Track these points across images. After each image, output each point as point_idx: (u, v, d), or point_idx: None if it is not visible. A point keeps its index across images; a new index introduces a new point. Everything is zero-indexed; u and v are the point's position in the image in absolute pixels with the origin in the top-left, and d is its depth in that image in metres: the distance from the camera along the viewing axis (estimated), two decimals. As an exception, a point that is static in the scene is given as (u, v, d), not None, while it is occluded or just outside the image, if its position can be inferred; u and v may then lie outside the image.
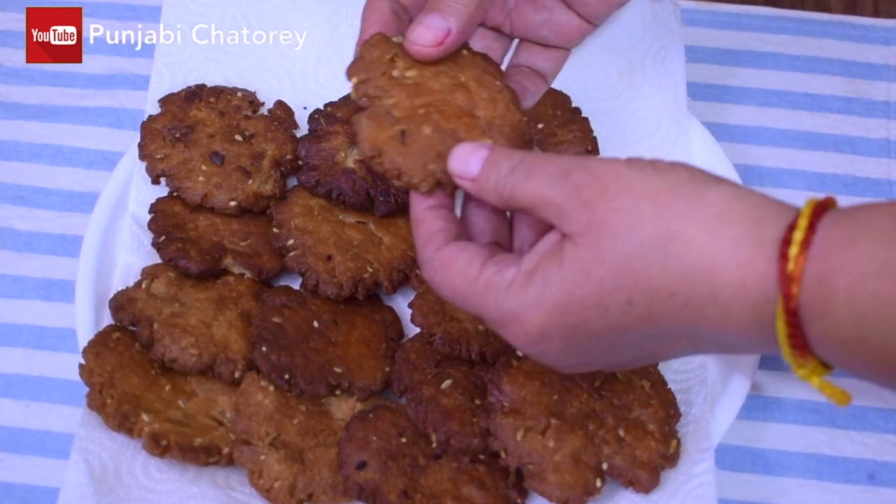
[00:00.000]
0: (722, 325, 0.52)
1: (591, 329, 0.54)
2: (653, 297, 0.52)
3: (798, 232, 0.49)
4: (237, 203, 0.80)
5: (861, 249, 0.47)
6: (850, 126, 0.93)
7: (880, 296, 0.46)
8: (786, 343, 0.50)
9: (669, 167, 0.53)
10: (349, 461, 0.68)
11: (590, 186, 0.53)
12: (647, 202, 0.52)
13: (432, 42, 0.61)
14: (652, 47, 0.90)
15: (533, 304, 0.54)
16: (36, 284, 0.84)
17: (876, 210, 0.49)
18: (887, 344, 0.47)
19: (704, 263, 0.50)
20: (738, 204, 0.51)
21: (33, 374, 0.80)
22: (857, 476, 0.75)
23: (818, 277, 0.48)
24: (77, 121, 0.92)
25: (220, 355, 0.73)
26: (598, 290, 0.53)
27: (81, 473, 0.68)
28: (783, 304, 0.49)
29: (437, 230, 0.59)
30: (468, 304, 0.57)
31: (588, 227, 0.53)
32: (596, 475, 0.67)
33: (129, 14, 0.98)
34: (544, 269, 0.54)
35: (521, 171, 0.56)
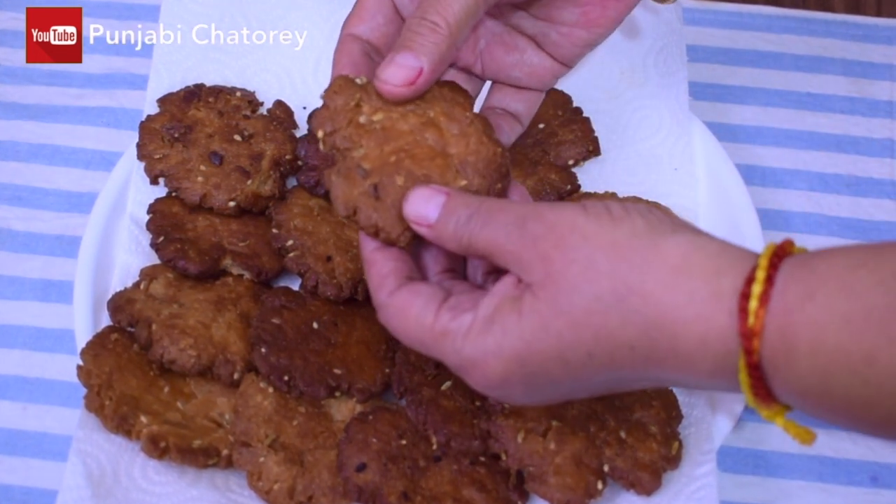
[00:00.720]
0: (684, 374, 0.52)
1: (552, 377, 0.55)
2: (613, 351, 0.52)
3: (757, 285, 0.49)
4: (236, 203, 0.80)
5: (820, 304, 0.47)
6: (852, 126, 0.93)
7: (842, 349, 0.47)
8: (749, 392, 0.50)
9: (624, 213, 0.53)
10: (349, 463, 0.68)
11: (546, 238, 0.53)
12: (603, 254, 0.52)
13: (404, 81, 0.60)
14: (653, 47, 0.90)
15: (492, 353, 0.54)
16: (34, 285, 0.84)
17: (833, 259, 0.49)
18: (850, 395, 0.47)
19: (664, 318, 0.51)
20: (695, 255, 0.51)
21: (31, 376, 0.80)
22: (859, 478, 0.75)
23: (779, 331, 0.48)
24: (75, 121, 0.92)
25: (218, 357, 0.73)
26: (557, 344, 0.53)
27: (79, 475, 0.68)
28: (745, 359, 0.49)
29: (388, 273, 0.59)
30: (427, 350, 0.58)
31: (546, 280, 0.53)
32: (597, 477, 0.67)
33: (128, 13, 0.98)
34: (502, 318, 0.54)
35: (478, 219, 0.56)
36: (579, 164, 0.86)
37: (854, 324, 0.46)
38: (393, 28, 0.65)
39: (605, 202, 0.54)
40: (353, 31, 0.64)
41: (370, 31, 0.64)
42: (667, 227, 0.53)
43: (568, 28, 0.67)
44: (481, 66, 0.69)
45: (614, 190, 0.84)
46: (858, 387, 0.47)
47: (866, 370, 0.46)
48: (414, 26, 0.60)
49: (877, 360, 0.46)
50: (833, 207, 0.88)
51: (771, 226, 0.86)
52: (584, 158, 0.86)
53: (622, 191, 0.84)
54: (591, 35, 0.68)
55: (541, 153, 0.85)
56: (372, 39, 0.64)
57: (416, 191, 0.58)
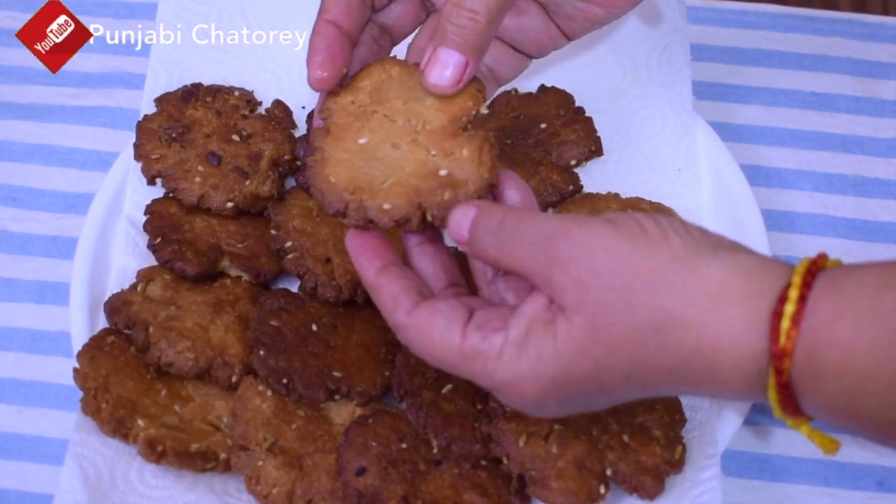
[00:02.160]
0: (717, 392, 0.54)
1: (587, 396, 0.55)
2: (650, 374, 0.53)
3: (790, 305, 0.49)
4: (234, 204, 0.80)
5: (849, 325, 0.48)
6: (858, 126, 0.93)
7: (869, 373, 0.47)
8: (777, 407, 0.51)
9: (662, 237, 0.53)
10: (348, 467, 0.68)
11: (578, 262, 0.53)
12: (642, 283, 0.52)
13: (452, 82, 0.60)
14: (657, 46, 0.90)
15: (528, 378, 0.55)
16: (29, 287, 0.84)
17: (864, 277, 0.49)
18: (877, 416, 0.48)
19: (702, 346, 0.51)
20: (734, 278, 0.51)
21: (26, 379, 0.80)
22: (865, 482, 0.76)
23: (808, 352, 0.49)
24: (71, 120, 0.92)
25: (216, 359, 0.73)
26: (594, 368, 0.53)
27: (76, 480, 0.68)
28: (775, 377, 0.50)
29: (399, 292, 0.59)
30: (454, 370, 0.57)
31: (581, 306, 0.53)
32: (600, 482, 0.67)
33: (126, 12, 0.98)
34: (537, 343, 0.54)
35: (503, 236, 0.56)
36: (581, 165, 0.86)
37: (881, 348, 0.47)
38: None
39: (637, 217, 0.54)
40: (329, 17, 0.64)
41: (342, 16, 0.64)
42: (705, 250, 0.52)
43: (585, 4, 0.67)
44: None
45: (617, 190, 0.84)
46: (885, 409, 0.48)
47: (892, 394, 0.47)
48: (452, 16, 0.60)
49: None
50: (838, 208, 0.88)
51: (775, 227, 0.86)
52: (587, 159, 0.86)
53: (625, 191, 0.84)
54: (606, 15, 0.68)
55: (542, 153, 0.86)
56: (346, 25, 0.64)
57: (453, 213, 0.58)
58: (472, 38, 0.59)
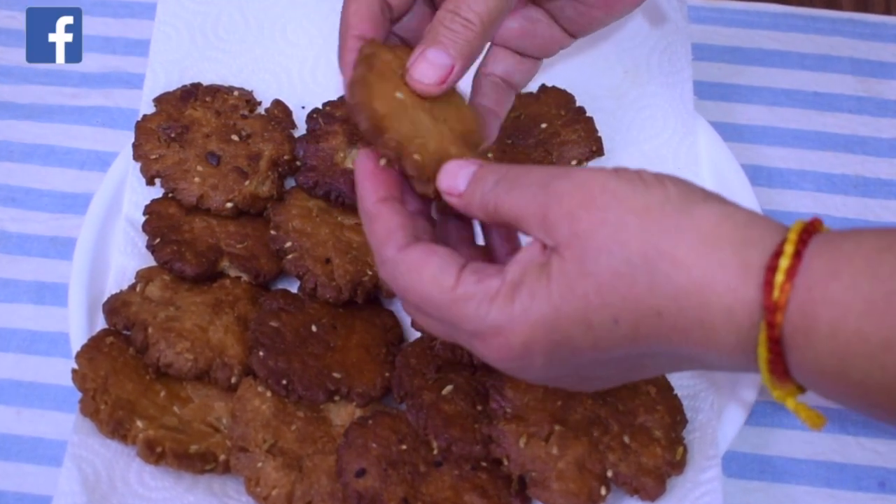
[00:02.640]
0: (706, 347, 0.52)
1: (574, 346, 0.54)
2: (639, 317, 0.52)
3: (784, 259, 0.49)
4: (234, 204, 0.80)
5: (845, 284, 0.48)
6: (861, 126, 0.93)
7: (862, 334, 0.47)
8: (766, 368, 0.50)
9: (657, 180, 0.53)
10: (348, 468, 0.68)
11: (572, 195, 0.53)
12: (635, 217, 0.52)
13: (436, 81, 0.60)
14: (658, 45, 0.90)
15: (519, 318, 0.54)
16: (28, 287, 0.84)
17: (861, 239, 0.49)
18: (867, 380, 0.48)
19: (693, 286, 0.51)
20: (727, 223, 0.51)
21: (25, 380, 0.80)
22: (867, 483, 0.76)
23: (802, 308, 0.48)
24: (70, 120, 0.92)
25: (216, 360, 0.73)
26: (583, 306, 0.53)
27: (74, 481, 0.68)
28: (767, 332, 0.49)
29: (396, 226, 0.58)
30: (440, 312, 0.56)
31: (572, 239, 0.53)
32: (600, 483, 0.67)
33: (126, 12, 0.98)
34: (531, 282, 0.54)
35: (504, 184, 0.56)
36: (583, 165, 0.86)
37: (875, 308, 0.47)
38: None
39: (638, 169, 0.54)
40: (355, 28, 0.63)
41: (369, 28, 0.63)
42: (698, 196, 0.53)
43: (586, 7, 0.68)
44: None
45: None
46: (875, 372, 0.47)
47: (884, 356, 0.47)
48: (447, 21, 0.60)
49: (894, 348, 0.46)
50: (840, 209, 0.88)
51: (778, 227, 0.86)
52: (588, 159, 0.86)
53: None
54: (608, 17, 0.68)
55: (543, 153, 0.86)
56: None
57: (449, 163, 0.58)
58: (462, 45, 0.60)
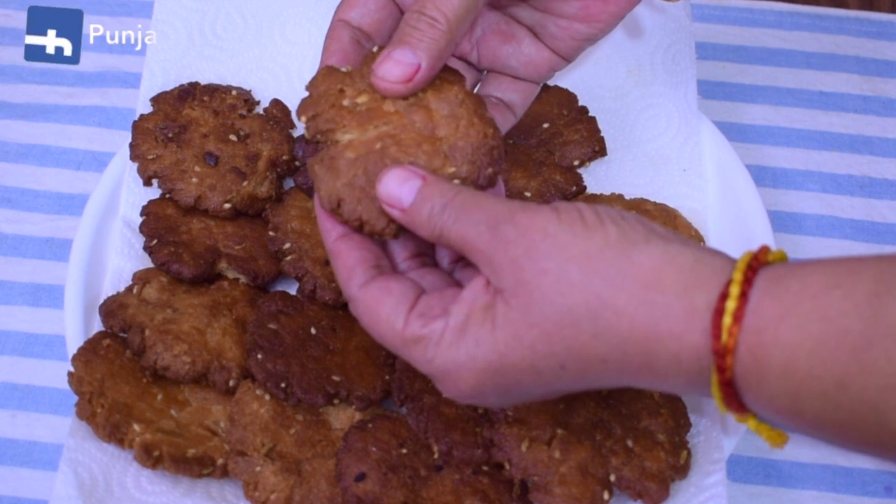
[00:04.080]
0: (658, 385, 0.54)
1: (524, 386, 0.56)
2: (586, 364, 0.53)
3: (731, 301, 0.50)
4: (232, 205, 0.81)
5: (793, 325, 0.48)
6: (866, 125, 0.93)
7: (814, 374, 0.48)
8: (721, 404, 0.52)
9: (598, 222, 0.53)
10: (348, 473, 0.68)
11: (517, 243, 0.54)
12: (575, 266, 0.52)
13: (401, 78, 0.60)
14: (661, 44, 0.91)
15: (465, 365, 0.55)
16: (23, 290, 0.84)
17: (807, 277, 0.49)
18: (822, 417, 0.49)
19: (637, 334, 0.52)
20: (668, 268, 0.52)
21: (20, 383, 0.80)
22: (873, 488, 0.76)
23: (752, 351, 0.49)
24: (66, 120, 0.93)
25: (214, 363, 0.73)
26: (530, 355, 0.54)
27: (70, 485, 0.68)
28: (717, 375, 0.50)
29: (355, 264, 0.59)
30: (397, 352, 0.58)
31: (517, 288, 0.54)
32: (603, 487, 0.67)
33: (122, 10, 0.98)
34: (475, 329, 0.55)
35: (452, 213, 0.56)
36: (585, 165, 0.86)
37: (827, 349, 0.47)
38: (385, 14, 0.65)
39: (578, 206, 0.55)
40: (345, 17, 0.65)
41: (361, 17, 0.65)
42: (640, 237, 0.53)
43: (567, 21, 0.68)
44: (477, 55, 0.70)
45: (621, 191, 0.84)
46: (830, 410, 0.48)
47: (838, 395, 0.48)
48: (412, 21, 0.60)
49: (849, 386, 0.47)
50: (846, 209, 0.89)
51: (782, 228, 0.86)
52: (590, 159, 0.86)
53: (629, 192, 0.84)
54: (591, 30, 0.68)
55: (545, 153, 0.86)
56: (363, 26, 0.65)
57: (391, 171, 0.58)
58: (427, 43, 0.60)
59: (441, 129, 0.60)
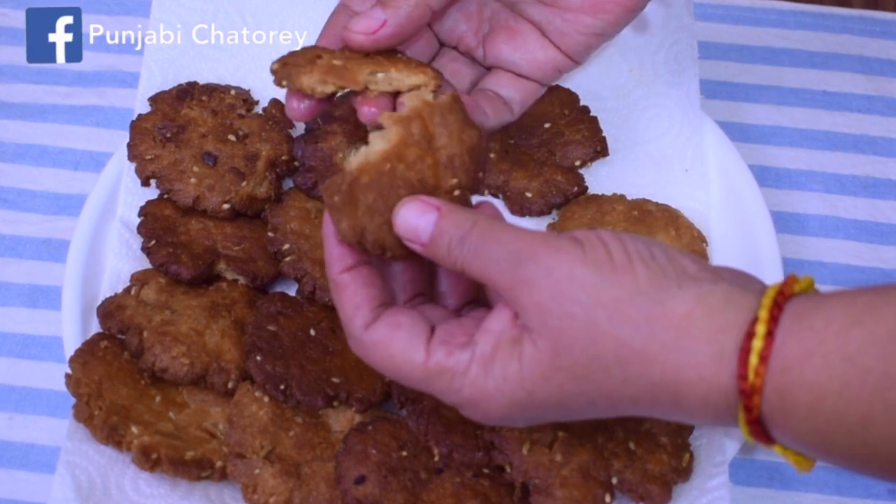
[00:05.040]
0: (686, 420, 0.57)
1: (553, 416, 0.57)
2: (616, 402, 0.55)
3: (757, 340, 0.50)
4: (230, 206, 0.81)
5: (817, 366, 0.49)
6: (870, 125, 0.93)
7: (839, 414, 0.49)
8: (749, 438, 0.53)
9: (627, 265, 0.53)
10: (347, 475, 0.68)
11: (541, 286, 0.54)
12: (604, 314, 0.53)
13: (364, 30, 0.62)
14: (664, 43, 0.91)
15: (493, 397, 0.56)
16: (20, 291, 0.84)
17: (831, 313, 0.50)
18: (848, 453, 0.50)
19: (667, 379, 0.53)
20: (698, 311, 0.52)
21: (17, 385, 0.80)
22: (877, 491, 0.76)
23: (778, 391, 0.50)
24: (63, 120, 0.93)
25: (212, 365, 0.73)
26: (558, 394, 0.55)
27: (68, 488, 0.68)
28: (744, 414, 0.51)
29: (361, 302, 0.59)
30: (418, 386, 0.58)
31: (543, 332, 0.54)
32: (605, 490, 0.67)
33: (120, 9, 0.98)
34: (503, 363, 0.55)
35: (470, 247, 0.56)
36: (586, 165, 0.86)
37: (850, 389, 0.48)
38: None
39: (604, 238, 0.54)
40: (349, 4, 0.66)
41: (363, 3, 0.66)
42: (671, 282, 0.53)
43: (573, 14, 0.68)
44: (483, 51, 0.71)
45: (623, 192, 0.84)
46: (856, 447, 0.49)
47: (863, 433, 0.49)
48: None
49: (873, 424, 0.48)
50: (850, 210, 0.89)
51: (785, 229, 0.86)
52: (592, 159, 0.86)
53: (631, 192, 0.84)
54: (598, 22, 0.68)
55: (547, 154, 0.86)
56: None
57: (406, 204, 0.58)
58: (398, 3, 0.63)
59: (438, 140, 0.60)
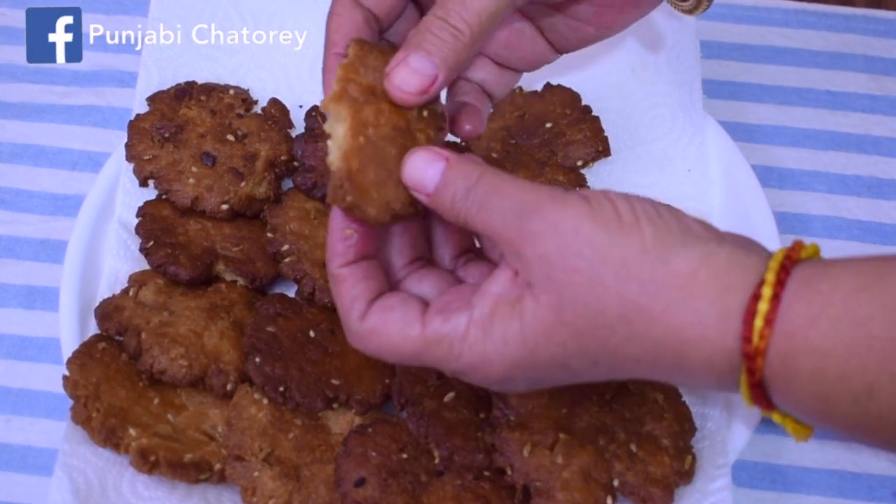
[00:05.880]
0: (687, 383, 0.57)
1: (555, 377, 0.57)
2: (617, 361, 0.54)
3: (763, 303, 0.50)
4: (229, 206, 0.81)
5: (823, 330, 0.49)
6: (874, 125, 0.93)
7: (845, 379, 0.49)
8: (749, 402, 0.52)
9: (634, 223, 0.53)
10: (347, 478, 0.68)
11: (546, 238, 0.53)
12: (610, 270, 0.52)
13: (418, 89, 0.58)
14: (666, 43, 0.91)
15: (493, 360, 0.55)
16: (17, 292, 0.84)
17: (838, 278, 0.50)
18: (850, 421, 0.50)
19: (670, 339, 0.52)
20: (704, 270, 0.52)
21: (14, 387, 0.80)
22: (881, 493, 0.76)
23: (782, 355, 0.50)
24: (61, 120, 0.93)
25: (211, 367, 0.73)
26: (560, 352, 0.54)
27: (65, 491, 0.68)
28: (747, 377, 0.51)
29: (359, 294, 0.58)
30: (419, 361, 0.58)
31: (547, 285, 0.53)
32: (607, 493, 0.67)
33: (118, 8, 0.98)
34: (502, 324, 0.55)
35: (475, 199, 0.55)
36: (588, 165, 0.86)
37: (857, 354, 0.48)
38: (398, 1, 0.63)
39: (611, 197, 0.54)
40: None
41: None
42: (676, 240, 0.53)
43: (578, 23, 0.68)
44: None
45: (624, 192, 0.84)
46: (859, 415, 0.49)
47: (867, 401, 0.48)
48: (434, 28, 0.58)
49: (877, 392, 0.48)
50: (853, 210, 0.89)
51: (788, 229, 0.86)
52: (594, 159, 0.86)
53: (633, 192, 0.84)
54: (600, 34, 0.68)
55: (548, 154, 0.86)
56: (372, 7, 0.62)
57: (415, 153, 0.57)
58: (448, 54, 0.58)
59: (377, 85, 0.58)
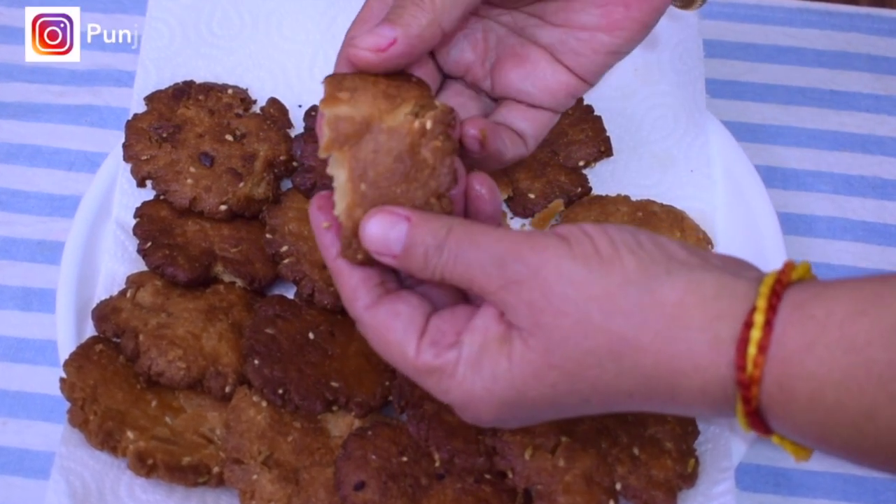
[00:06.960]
0: (683, 412, 0.56)
1: (546, 416, 0.57)
2: (610, 398, 0.54)
3: (755, 330, 0.50)
4: (228, 207, 0.81)
5: (819, 357, 0.49)
6: (878, 125, 0.93)
7: (842, 405, 0.48)
8: (747, 428, 0.52)
9: (614, 255, 0.53)
10: (347, 481, 0.69)
11: (530, 285, 0.54)
12: (596, 306, 0.53)
13: (373, 46, 0.60)
14: (669, 42, 0.91)
15: (483, 399, 0.56)
16: (14, 293, 0.84)
17: (833, 303, 0.49)
18: (849, 445, 0.50)
19: (662, 370, 0.52)
20: (691, 299, 0.52)
21: (11, 389, 0.80)
22: (886, 496, 0.76)
23: (778, 382, 0.50)
24: (57, 119, 0.93)
25: (209, 369, 0.73)
26: (550, 393, 0.55)
27: (62, 494, 0.68)
28: (743, 405, 0.51)
29: (358, 283, 0.59)
30: (411, 377, 0.59)
31: (535, 329, 0.54)
32: (609, 496, 0.67)
33: (115, 7, 0.98)
34: (490, 362, 0.55)
35: (450, 254, 0.56)
36: (590, 166, 0.86)
37: (854, 381, 0.48)
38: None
39: (588, 232, 0.54)
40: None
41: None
42: (660, 269, 0.53)
43: (588, 33, 0.66)
44: (491, 82, 0.68)
45: (627, 192, 0.84)
46: (858, 439, 0.49)
47: (866, 425, 0.48)
48: (400, 1, 0.61)
49: (876, 416, 0.48)
50: (858, 211, 0.89)
51: (792, 230, 0.86)
52: (596, 159, 0.86)
53: (635, 193, 0.84)
54: (615, 40, 0.66)
55: (550, 154, 0.86)
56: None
57: (370, 218, 0.57)
58: (408, 20, 0.60)
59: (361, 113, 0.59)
